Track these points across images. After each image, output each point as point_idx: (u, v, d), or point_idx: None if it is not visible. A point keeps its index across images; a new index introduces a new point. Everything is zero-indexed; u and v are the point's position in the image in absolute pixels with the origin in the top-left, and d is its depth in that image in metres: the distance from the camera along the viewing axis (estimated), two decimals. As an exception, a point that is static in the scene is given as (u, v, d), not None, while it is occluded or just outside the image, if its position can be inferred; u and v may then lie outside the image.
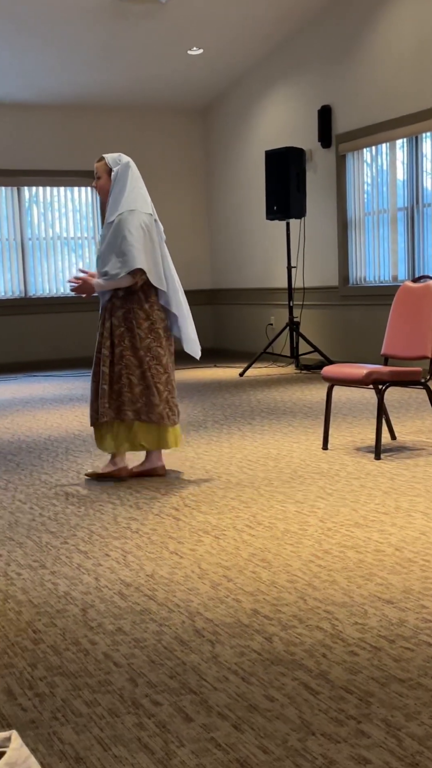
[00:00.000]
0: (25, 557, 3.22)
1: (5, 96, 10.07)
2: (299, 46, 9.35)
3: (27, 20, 8.32)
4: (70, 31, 8.66)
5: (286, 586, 2.80)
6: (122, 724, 1.97)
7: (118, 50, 9.24)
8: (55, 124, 10.65)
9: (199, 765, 1.79)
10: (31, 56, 9.17)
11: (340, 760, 1.79)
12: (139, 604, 2.70)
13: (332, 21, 8.81)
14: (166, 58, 9.55)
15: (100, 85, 10.13)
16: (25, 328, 10.62)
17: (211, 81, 10.40)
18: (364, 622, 2.49)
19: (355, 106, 8.65)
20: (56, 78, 9.80)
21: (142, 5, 8.22)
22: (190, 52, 9.47)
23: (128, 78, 10.01)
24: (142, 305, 4.30)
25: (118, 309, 4.30)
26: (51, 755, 1.86)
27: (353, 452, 4.82)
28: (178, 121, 11.26)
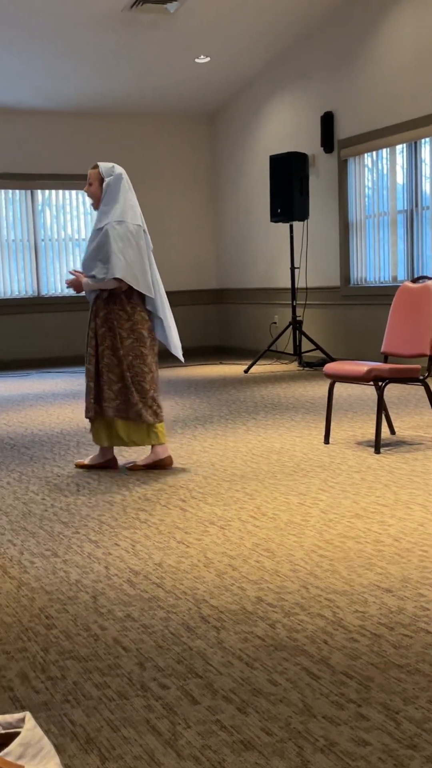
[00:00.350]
0: (38, 546, 3.22)
1: (18, 103, 10.07)
2: (303, 55, 9.33)
3: (40, 29, 8.32)
4: (81, 40, 8.65)
5: (289, 575, 2.80)
6: (131, 707, 1.98)
7: (128, 58, 9.23)
8: (66, 129, 10.64)
9: (205, 746, 1.80)
10: (44, 64, 9.17)
11: (340, 742, 1.79)
12: (148, 592, 2.70)
13: (334, 31, 8.79)
14: (174, 66, 9.54)
15: (110, 92, 10.12)
16: (38, 325, 10.63)
17: (218, 88, 10.39)
18: (364, 610, 2.49)
19: (357, 112, 8.63)
20: (68, 85, 9.79)
21: (151, 15, 8.21)
22: (197, 61, 9.46)
23: (137, 85, 10.00)
24: (124, 307, 4.34)
25: (101, 310, 4.37)
26: (63, 736, 1.87)
27: (354, 446, 4.81)
28: (185, 127, 11.25)
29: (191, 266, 11.39)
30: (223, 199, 11.24)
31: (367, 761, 1.72)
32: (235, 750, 1.78)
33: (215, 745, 1.80)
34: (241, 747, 1.79)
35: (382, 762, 1.71)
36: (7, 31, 8.28)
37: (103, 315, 4.35)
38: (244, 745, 1.80)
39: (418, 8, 7.72)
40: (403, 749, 1.76)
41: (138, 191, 11.81)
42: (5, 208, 10.46)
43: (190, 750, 1.78)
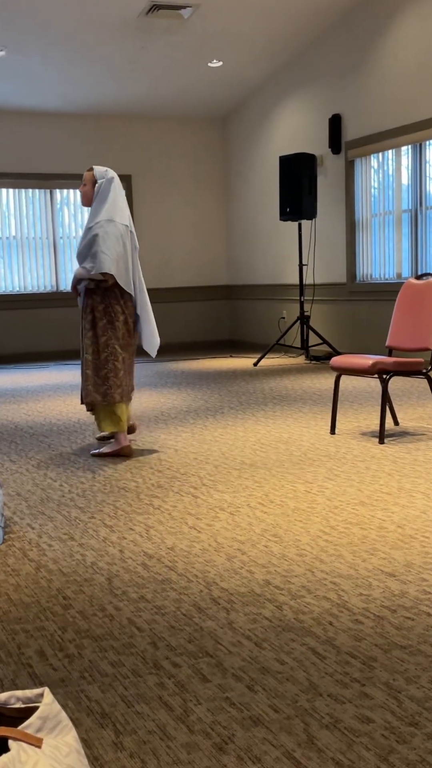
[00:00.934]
0: (56, 530, 3.23)
1: (38, 106, 10.06)
2: (312, 60, 9.29)
3: (60, 36, 8.30)
4: (99, 46, 8.63)
5: (296, 559, 2.80)
6: (144, 684, 1.98)
7: (143, 63, 9.21)
8: (84, 131, 10.63)
9: (215, 722, 1.80)
10: (64, 69, 9.16)
11: (345, 719, 1.79)
12: (161, 574, 2.71)
13: (342, 36, 8.74)
14: (187, 70, 9.51)
15: (126, 95, 10.10)
16: (56, 319, 10.64)
17: (230, 92, 10.35)
18: (368, 593, 2.49)
19: (364, 115, 8.58)
20: (86, 89, 9.78)
21: (166, 21, 8.18)
22: (210, 65, 9.43)
23: (152, 88, 9.97)
24: (119, 301, 4.45)
25: (99, 304, 4.45)
26: (79, 711, 1.87)
27: (359, 437, 4.80)
28: (198, 128, 11.22)
29: (203, 263, 11.38)
30: (233, 199, 11.22)
31: (370, 737, 1.72)
32: (244, 726, 1.78)
33: (225, 721, 1.80)
34: (249, 723, 1.79)
35: (384, 738, 1.71)
36: (29, 37, 8.27)
37: (102, 308, 4.44)
38: (253, 721, 1.80)
39: (423, 14, 7.67)
40: (404, 726, 1.76)
41: (152, 191, 11.84)
42: (26, 206, 10.47)
43: (201, 725, 1.79)
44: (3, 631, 2.31)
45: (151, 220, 10.98)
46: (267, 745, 1.71)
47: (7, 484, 4.00)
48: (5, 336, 10.40)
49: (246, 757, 1.66)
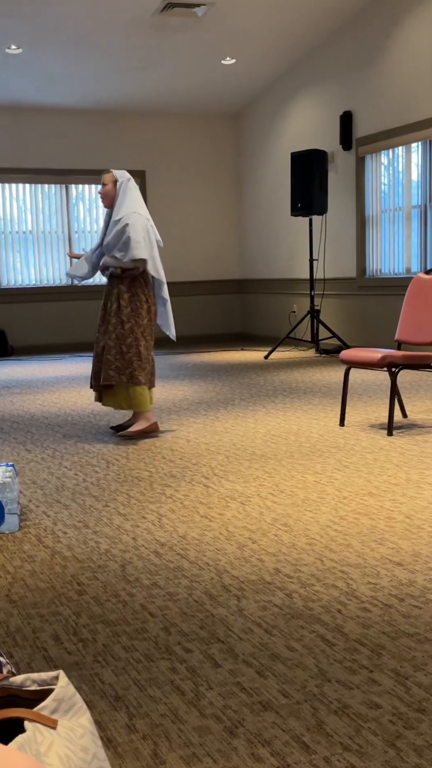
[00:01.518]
0: (71, 518, 3.24)
1: (54, 103, 10.06)
2: (323, 57, 9.24)
3: (76, 34, 8.29)
4: (114, 43, 8.62)
5: (306, 549, 2.80)
6: (157, 668, 1.99)
7: (158, 60, 9.18)
8: (99, 127, 10.62)
9: (226, 706, 1.81)
10: (80, 66, 9.15)
11: (353, 705, 1.79)
12: (173, 562, 2.71)
13: (353, 34, 8.69)
14: (201, 67, 9.48)
15: (140, 92, 10.08)
16: (71, 312, 10.66)
17: (243, 88, 10.31)
18: (376, 582, 2.48)
19: (374, 112, 8.54)
20: (102, 86, 9.76)
21: (180, 18, 8.15)
22: (223, 62, 9.39)
23: (167, 86, 9.95)
24: (144, 289, 4.65)
25: (125, 292, 4.61)
26: (93, 694, 1.88)
27: (368, 429, 4.79)
28: (211, 125, 11.19)
29: (215, 257, 11.36)
30: (246, 194, 11.19)
31: (378, 723, 1.72)
32: (254, 710, 1.78)
33: (235, 705, 1.81)
34: (259, 707, 1.79)
35: (392, 724, 1.71)
36: (46, 35, 8.26)
37: (127, 297, 4.60)
38: (263, 706, 1.80)
39: (434, 12, 7.61)
40: (412, 712, 1.75)
41: (165, 186, 11.82)
42: (41, 201, 10.48)
43: (212, 710, 1.79)
44: (19, 615, 2.32)
45: (164, 215, 10.96)
46: (276, 729, 1.71)
47: (23, 472, 4.02)
48: (21, 328, 10.43)
49: (256, 741, 1.67)
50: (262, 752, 1.63)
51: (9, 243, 10.37)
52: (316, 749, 1.63)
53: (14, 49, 8.56)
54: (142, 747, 1.66)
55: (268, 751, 1.63)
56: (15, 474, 3.21)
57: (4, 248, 10.36)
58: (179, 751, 1.64)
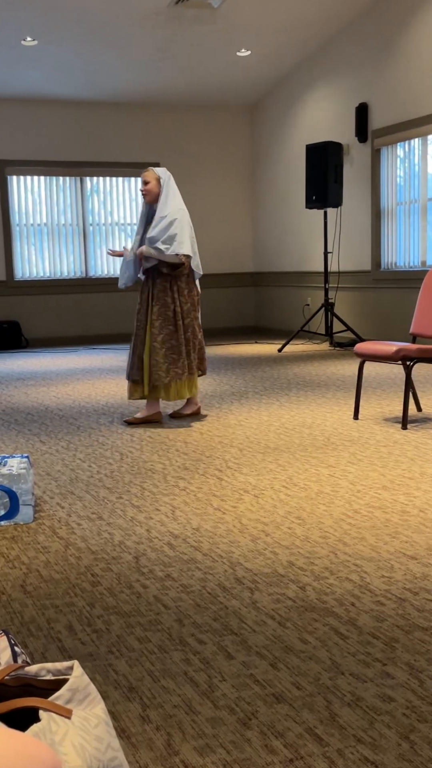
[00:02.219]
0: (85, 510, 3.26)
1: (69, 95, 10.06)
2: (339, 49, 9.18)
3: (91, 25, 8.28)
4: (129, 35, 8.60)
5: (319, 542, 2.80)
6: (170, 660, 2.00)
7: (173, 52, 9.16)
8: (114, 119, 10.62)
9: (239, 698, 1.81)
10: (95, 58, 9.14)
11: (366, 698, 1.79)
12: (186, 554, 2.72)
13: (369, 25, 8.63)
14: (216, 59, 9.45)
15: (155, 84, 10.06)
16: (85, 305, 10.68)
17: (258, 80, 10.27)
18: (390, 576, 2.48)
19: (390, 103, 8.48)
20: (117, 78, 9.75)
21: (195, 10, 8.12)
22: (239, 54, 9.35)
23: (181, 77, 9.92)
24: (190, 285, 4.88)
25: (184, 288, 4.83)
26: (107, 684, 1.89)
27: (382, 422, 4.78)
28: (226, 117, 11.16)
29: (229, 250, 11.34)
30: (260, 187, 11.16)
31: (391, 716, 1.72)
32: (268, 702, 1.79)
33: (249, 697, 1.81)
34: (273, 699, 1.80)
35: (405, 717, 1.71)
36: (60, 27, 8.25)
37: (186, 293, 4.85)
38: (276, 698, 1.80)
39: (451, 2, 7.54)
40: (425, 706, 1.75)
41: (180, 179, 11.81)
42: (56, 194, 10.49)
43: (226, 701, 1.80)
44: (33, 606, 2.34)
45: (178, 207, 10.95)
46: (290, 721, 1.71)
47: (38, 464, 4.03)
48: (36, 321, 10.46)
49: (269, 733, 1.67)
50: (276, 744, 1.63)
51: (24, 235, 10.39)
52: (330, 741, 1.63)
53: (29, 41, 8.56)
54: (156, 737, 1.67)
55: (281, 742, 1.63)
56: (29, 465, 3.23)
57: (18, 240, 10.38)
58: (193, 742, 1.65)
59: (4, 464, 3.21)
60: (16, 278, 10.40)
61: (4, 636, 1.62)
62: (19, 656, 1.56)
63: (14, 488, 3.08)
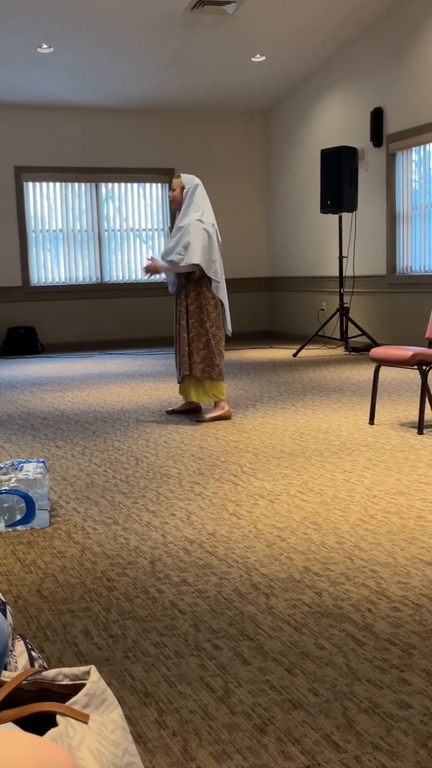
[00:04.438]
0: (100, 514, 3.26)
1: (85, 102, 10.10)
2: (353, 54, 9.18)
3: (106, 32, 8.32)
4: (143, 41, 8.63)
5: (335, 547, 2.79)
6: (186, 665, 1.99)
7: (188, 58, 9.18)
8: (129, 126, 10.66)
9: (256, 704, 1.80)
10: (110, 65, 9.18)
11: (383, 704, 1.78)
12: (202, 559, 2.72)
13: (384, 30, 8.62)
14: (231, 64, 9.47)
15: (170, 90, 10.09)
16: (100, 310, 10.71)
17: (273, 86, 10.29)
18: (407, 581, 2.46)
19: (405, 108, 8.47)
20: (132, 84, 9.79)
21: (210, 16, 8.14)
22: (253, 59, 9.37)
23: (197, 83, 9.95)
24: (210, 289, 5.04)
25: (211, 299, 5.00)
26: (123, 689, 1.89)
27: (398, 427, 4.76)
28: (241, 122, 11.18)
29: (245, 255, 11.35)
30: (275, 191, 11.16)
31: (409, 723, 1.71)
32: (284, 708, 1.78)
33: (265, 703, 1.81)
34: (289, 706, 1.79)
35: (423, 724, 1.70)
36: (77, 34, 8.30)
37: (193, 295, 5.00)
38: (293, 704, 1.80)
39: (467, 6, 7.52)
40: (443, 713, 1.74)
41: (195, 184, 11.72)
42: (72, 200, 10.54)
43: (242, 707, 1.79)
44: (50, 610, 2.34)
45: (193, 212, 10.97)
46: (306, 727, 1.70)
47: (54, 469, 4.05)
48: (52, 326, 10.50)
49: (286, 739, 1.66)
50: (292, 750, 1.62)
51: (40, 241, 10.45)
52: (347, 748, 1.62)
53: (45, 48, 8.62)
54: (172, 743, 1.67)
55: (298, 749, 1.63)
56: (45, 470, 3.24)
57: (34, 246, 10.43)
58: (209, 747, 1.65)
59: (21, 469, 3.22)
60: (32, 284, 10.45)
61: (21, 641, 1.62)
62: (35, 661, 1.56)
63: (30, 493, 3.09)
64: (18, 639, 1.62)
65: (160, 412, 5.54)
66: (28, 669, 1.40)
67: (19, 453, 4.41)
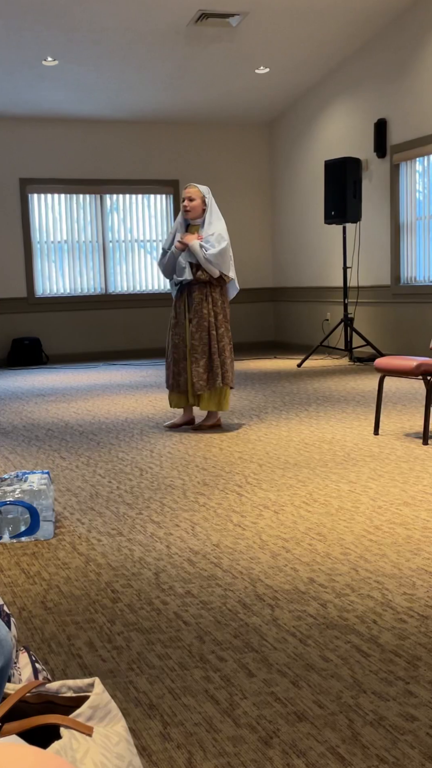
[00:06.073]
0: (105, 525, 3.26)
1: (90, 114, 10.15)
2: (357, 65, 9.22)
3: (111, 45, 8.37)
4: (148, 53, 8.68)
5: (340, 558, 2.78)
6: (191, 677, 1.99)
7: (192, 70, 9.23)
8: (133, 137, 10.70)
9: (261, 716, 1.80)
10: (114, 77, 9.23)
11: (389, 717, 1.77)
12: (206, 570, 2.71)
13: (388, 42, 8.66)
14: (235, 76, 9.51)
15: (174, 102, 10.14)
16: (105, 321, 10.73)
17: (277, 97, 10.33)
18: (412, 593, 2.45)
19: (409, 119, 8.49)
20: (136, 96, 9.84)
21: (214, 29, 8.19)
22: (257, 71, 9.42)
23: (200, 95, 10.00)
24: (224, 296, 5.09)
25: (218, 300, 5.02)
26: (127, 701, 1.88)
27: (402, 438, 4.75)
28: (245, 134, 11.22)
29: (249, 265, 11.37)
30: (279, 202, 11.19)
31: (415, 735, 1.70)
32: (289, 721, 1.77)
33: (270, 715, 1.80)
34: (294, 718, 1.78)
35: (429, 737, 1.69)
36: (81, 47, 8.35)
37: (220, 304, 5.03)
38: (298, 716, 1.79)
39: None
40: (449, 726, 1.73)
41: (199, 195, 11.74)
42: (76, 211, 10.57)
43: (247, 719, 1.78)
44: (54, 622, 2.34)
45: (197, 223, 11.00)
46: (311, 740, 1.69)
47: (58, 480, 4.05)
48: (56, 337, 10.52)
49: (291, 752, 1.65)
50: (297, 763, 1.62)
51: (44, 252, 10.48)
52: (352, 761, 1.61)
53: (50, 61, 8.67)
54: (177, 756, 1.66)
55: (303, 762, 1.62)
56: (50, 481, 3.24)
57: (39, 258, 10.47)
58: (214, 760, 1.64)
59: (25, 480, 3.22)
60: (36, 295, 10.48)
61: (25, 652, 1.62)
62: (39, 673, 1.56)
63: (35, 504, 3.09)
64: (22, 651, 1.62)
65: (165, 422, 5.54)
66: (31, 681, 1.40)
67: (24, 464, 4.41)
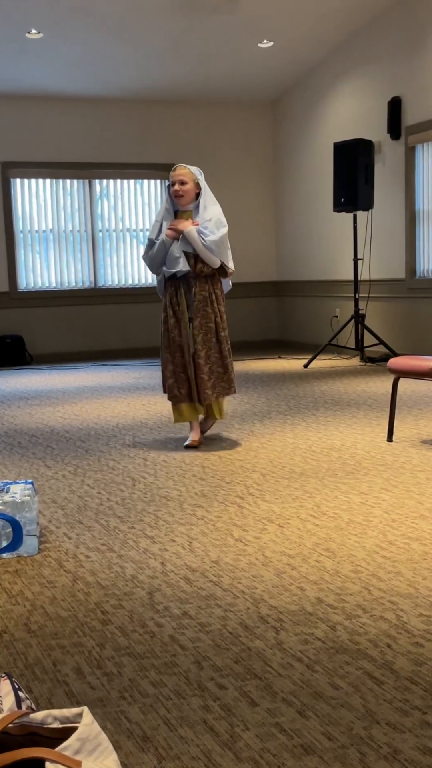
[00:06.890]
0: (94, 540, 3.26)
1: (77, 91, 10.16)
2: (369, 38, 9.23)
3: (101, 16, 8.38)
4: (143, 26, 8.69)
5: (350, 576, 2.78)
6: (188, 706, 1.99)
7: (189, 44, 9.25)
8: (126, 118, 10.72)
9: (264, 749, 1.79)
10: (105, 51, 9.24)
11: (404, 750, 1.77)
12: (205, 590, 2.71)
13: (403, 12, 8.68)
14: (236, 51, 9.53)
15: (170, 79, 10.16)
16: (94, 317, 10.74)
17: (281, 73, 10.35)
18: (430, 614, 2.45)
19: (426, 97, 8.51)
20: (128, 72, 9.86)
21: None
22: (260, 45, 9.43)
23: (198, 71, 10.01)
24: (223, 294, 5.00)
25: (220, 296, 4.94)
26: (119, 733, 1.88)
27: (419, 445, 4.76)
28: (247, 113, 11.24)
29: (250, 258, 11.38)
30: (284, 188, 11.20)
31: (432, 771, 1.70)
32: (295, 754, 1.77)
33: (275, 748, 1.80)
34: (301, 751, 1.78)
35: (448, 772, 1.69)
36: (68, 18, 8.36)
37: (221, 301, 4.93)
38: (305, 749, 1.79)
39: None
40: (470, 760, 1.73)
41: (197, 180, 11.75)
42: (63, 198, 10.58)
43: (249, 753, 1.78)
44: (38, 646, 2.34)
45: (195, 211, 11.01)
46: (320, 775, 1.69)
47: (43, 491, 4.05)
48: (41, 335, 10.53)
49: (297, 788, 1.65)
50: (304, 801, 1.61)
51: (28, 242, 10.49)
52: (364, 798, 1.61)
53: (34, 34, 8.68)
54: (173, 792, 1.66)
55: (310, 799, 1.62)
56: (34, 492, 3.24)
57: (22, 248, 10.48)
58: (213, 797, 1.64)
59: (7, 491, 3.22)
60: (19, 289, 10.49)
61: (6, 679, 1.61)
62: (23, 702, 1.55)
63: (17, 517, 3.09)
64: (4, 677, 1.62)
65: (159, 428, 5.55)
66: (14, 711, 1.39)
67: (6, 473, 4.41)
